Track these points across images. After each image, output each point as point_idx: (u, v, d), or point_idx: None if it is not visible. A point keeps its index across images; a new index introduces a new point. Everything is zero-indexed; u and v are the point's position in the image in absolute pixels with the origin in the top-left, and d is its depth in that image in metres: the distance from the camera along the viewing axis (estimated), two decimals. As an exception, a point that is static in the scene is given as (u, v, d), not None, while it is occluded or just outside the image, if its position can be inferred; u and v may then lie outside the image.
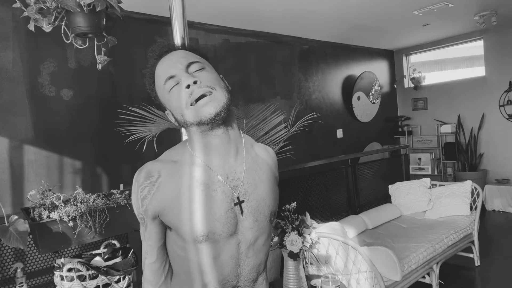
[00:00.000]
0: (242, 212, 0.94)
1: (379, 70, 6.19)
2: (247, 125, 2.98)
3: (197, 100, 0.88)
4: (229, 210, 0.93)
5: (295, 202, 2.30)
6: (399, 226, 3.54)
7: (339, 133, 5.49)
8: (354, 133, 5.69)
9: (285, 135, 3.01)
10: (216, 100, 0.88)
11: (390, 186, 4.14)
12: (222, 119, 0.90)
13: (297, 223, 2.15)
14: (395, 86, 6.53)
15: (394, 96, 6.56)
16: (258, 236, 0.98)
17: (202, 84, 0.89)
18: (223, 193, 0.93)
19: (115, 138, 3.01)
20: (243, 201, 0.94)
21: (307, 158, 4.65)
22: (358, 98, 5.68)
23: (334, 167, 4.28)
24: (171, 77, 0.91)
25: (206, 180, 0.92)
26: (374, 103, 5.95)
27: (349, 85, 5.61)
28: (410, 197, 3.92)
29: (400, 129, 6.41)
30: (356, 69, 5.78)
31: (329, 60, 5.40)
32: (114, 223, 2.14)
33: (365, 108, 5.80)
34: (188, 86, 0.88)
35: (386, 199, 4.27)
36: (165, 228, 0.97)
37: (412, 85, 6.30)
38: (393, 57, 6.54)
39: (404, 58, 6.51)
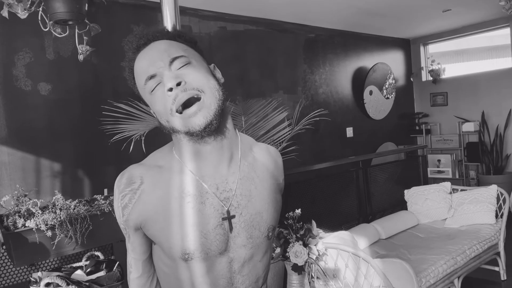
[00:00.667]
0: (231, 228, 0.92)
1: (393, 62, 6.19)
2: (246, 123, 2.98)
3: (183, 105, 0.85)
4: (218, 226, 0.91)
5: (299, 209, 2.30)
6: (416, 236, 3.54)
7: (349, 131, 5.49)
8: (366, 131, 5.69)
9: (289, 134, 3.01)
10: (206, 108, 0.85)
11: (405, 191, 4.14)
12: (214, 128, 0.87)
13: (302, 232, 2.16)
14: (411, 79, 6.54)
15: (410, 91, 6.57)
16: (253, 254, 0.97)
17: (188, 86, 0.85)
18: (212, 206, 0.91)
19: (99, 138, 3.01)
20: (233, 216, 0.92)
21: (313, 160, 4.65)
22: (370, 92, 5.68)
23: (343, 170, 4.27)
24: (152, 76, 0.87)
25: (193, 191, 0.91)
26: (388, 98, 5.95)
27: (360, 78, 5.62)
28: (428, 203, 3.92)
29: (417, 127, 6.42)
30: (368, 60, 5.78)
31: (337, 50, 5.41)
32: (98, 233, 2.14)
33: (378, 104, 5.81)
34: (170, 89, 0.85)
35: (402, 205, 4.26)
36: (150, 240, 0.97)
37: (431, 78, 6.30)
38: (409, 47, 6.54)
39: (421, 48, 6.51)
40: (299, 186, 3.66)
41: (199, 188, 0.91)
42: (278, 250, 2.15)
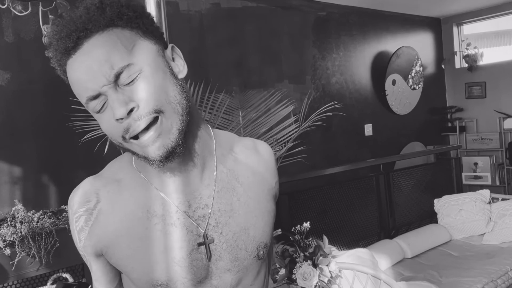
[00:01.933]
0: (209, 255, 0.91)
1: (421, 45, 6.19)
2: (244, 119, 2.99)
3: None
4: (194, 251, 0.90)
5: (308, 222, 2.30)
6: (448, 254, 3.55)
7: (368, 129, 5.49)
8: (388, 129, 5.70)
9: (295, 132, 3.02)
10: (165, 133, 0.82)
11: (436, 201, 4.14)
12: (179, 154, 0.85)
13: (311, 250, 2.16)
14: (442, 66, 6.54)
15: (441, 80, 6.57)
16: (241, 278, 0.96)
17: (142, 111, 0.80)
18: (184, 227, 0.90)
19: (67, 136, 3.01)
20: (212, 241, 0.91)
21: (324, 163, 4.65)
22: (393, 82, 5.68)
23: (360, 175, 4.27)
24: (94, 97, 0.81)
25: (159, 210, 0.90)
26: (414, 89, 5.96)
27: (381, 65, 5.62)
28: (463, 215, 3.92)
29: (449, 124, 6.42)
30: (390, 43, 5.78)
31: (354, 32, 5.41)
32: (66, 250, 2.14)
33: (402, 96, 5.81)
34: (121, 119, 0.80)
35: (431, 218, 4.27)
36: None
37: (466, 65, 6.31)
38: (440, 28, 6.54)
39: (455, 28, 6.51)
40: (308, 194, 3.66)
41: (167, 207, 0.90)
42: (282, 271, 2.16)
